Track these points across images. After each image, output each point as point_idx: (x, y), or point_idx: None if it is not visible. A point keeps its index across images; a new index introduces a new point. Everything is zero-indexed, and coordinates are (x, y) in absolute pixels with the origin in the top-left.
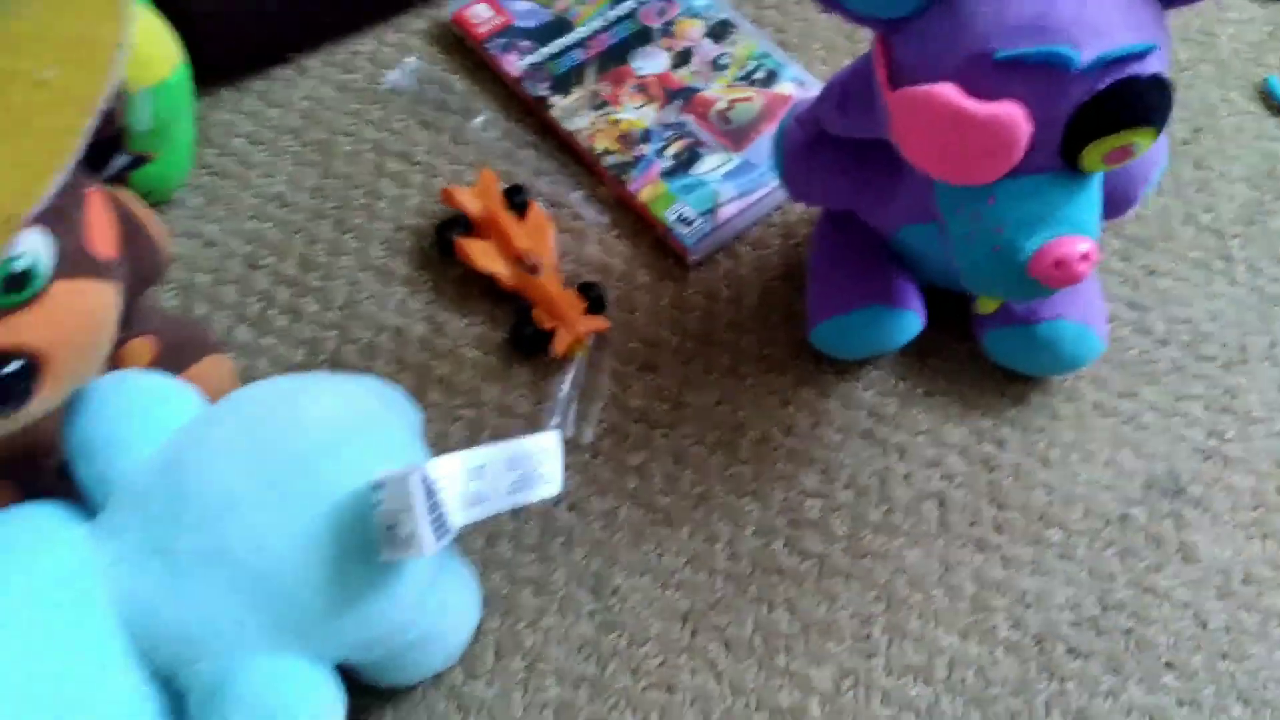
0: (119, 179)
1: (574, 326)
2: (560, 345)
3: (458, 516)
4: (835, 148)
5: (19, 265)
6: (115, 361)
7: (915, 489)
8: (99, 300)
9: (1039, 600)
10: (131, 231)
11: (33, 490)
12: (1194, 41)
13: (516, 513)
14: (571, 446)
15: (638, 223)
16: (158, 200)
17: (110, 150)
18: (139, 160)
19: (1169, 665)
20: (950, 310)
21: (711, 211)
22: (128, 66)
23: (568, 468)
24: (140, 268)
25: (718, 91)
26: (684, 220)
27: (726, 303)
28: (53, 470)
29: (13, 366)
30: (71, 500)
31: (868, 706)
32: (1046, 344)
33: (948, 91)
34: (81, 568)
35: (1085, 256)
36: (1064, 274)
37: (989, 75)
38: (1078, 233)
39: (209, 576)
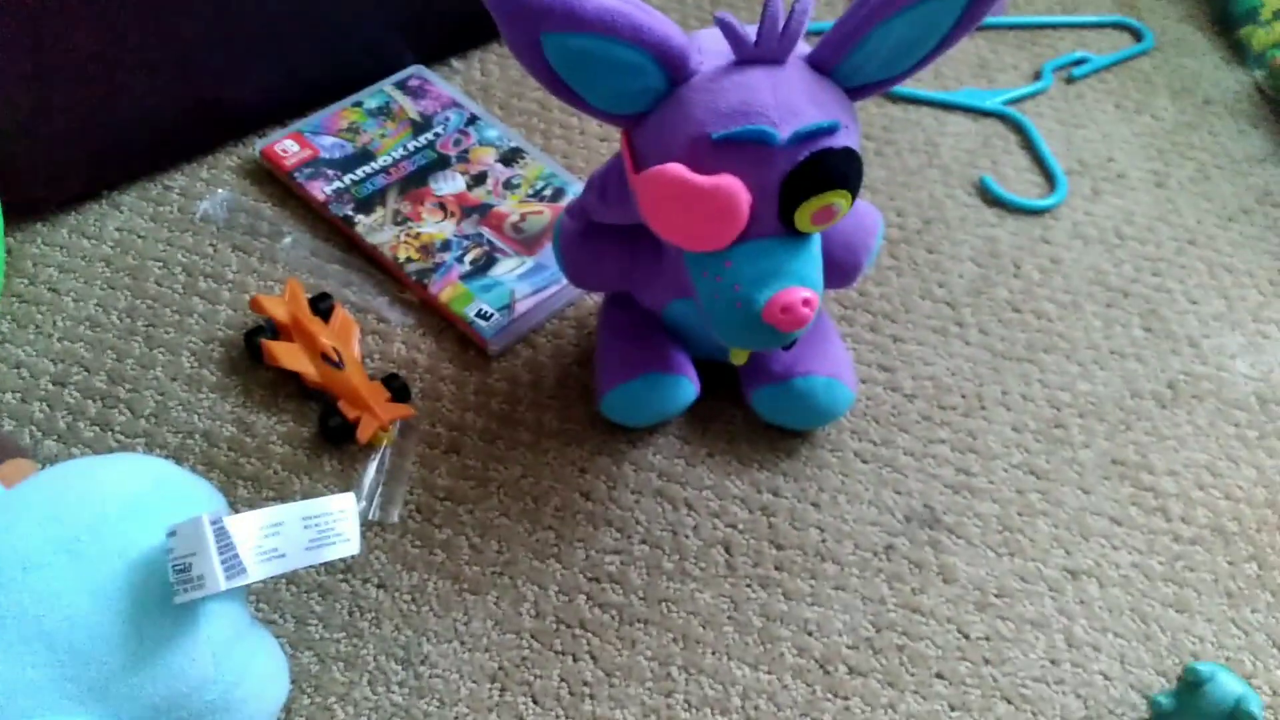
0: None
1: (378, 414)
2: (364, 432)
3: (256, 569)
4: (604, 236)
5: None
6: None
7: (703, 538)
8: None
9: (820, 628)
10: None
11: None
12: (921, 150)
13: (325, 594)
14: (379, 528)
15: (441, 322)
16: None
17: None
18: None
19: (939, 675)
20: (724, 383)
21: (508, 307)
22: None
23: (375, 549)
24: None
25: (511, 207)
26: (483, 315)
27: (527, 386)
28: None
29: None
30: None
31: None
32: (802, 395)
33: (677, 169)
34: None
35: (807, 302)
36: (791, 318)
37: (709, 153)
38: (801, 284)
39: (4, 639)
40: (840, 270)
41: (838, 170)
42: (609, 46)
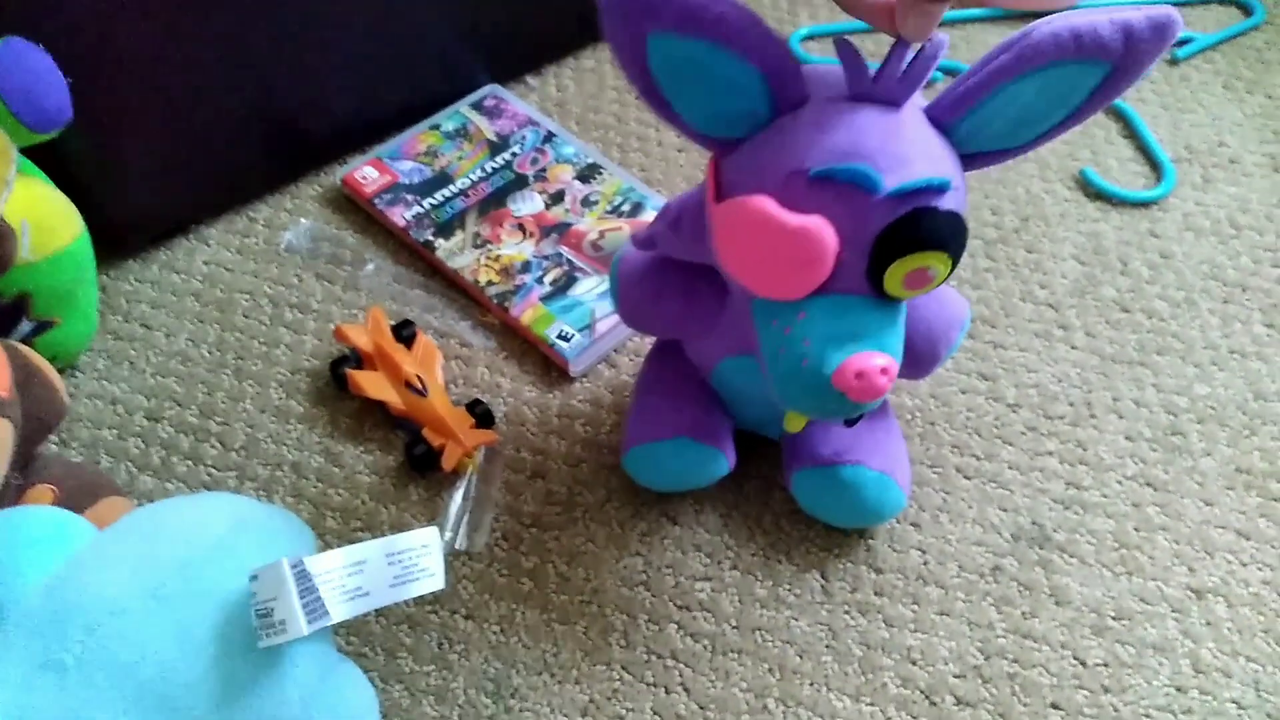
0: (24, 343)
1: (462, 441)
2: (449, 460)
3: (339, 610)
4: (667, 272)
5: None
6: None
7: (796, 563)
8: None
9: (924, 656)
10: (27, 378)
11: None
12: None
13: (414, 626)
14: (466, 557)
15: (523, 344)
16: (64, 364)
17: (15, 317)
18: (43, 326)
19: (1054, 705)
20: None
21: (589, 327)
22: (31, 235)
23: (463, 579)
24: (37, 412)
25: (589, 224)
26: (564, 337)
27: (609, 408)
28: None
29: None
30: None
31: None
32: (847, 487)
33: (764, 202)
34: None
35: (885, 371)
36: (864, 385)
37: (803, 191)
38: (881, 350)
39: (94, 686)
40: (914, 360)
41: (941, 230)
42: (720, 58)
